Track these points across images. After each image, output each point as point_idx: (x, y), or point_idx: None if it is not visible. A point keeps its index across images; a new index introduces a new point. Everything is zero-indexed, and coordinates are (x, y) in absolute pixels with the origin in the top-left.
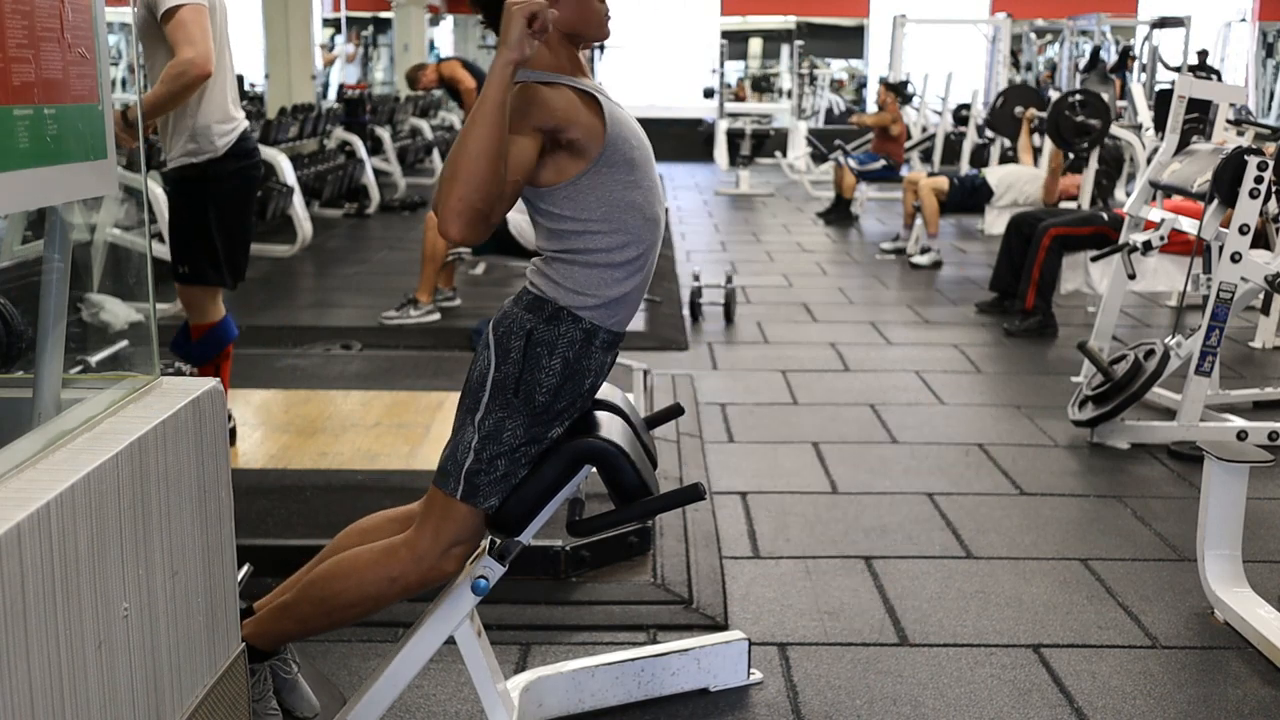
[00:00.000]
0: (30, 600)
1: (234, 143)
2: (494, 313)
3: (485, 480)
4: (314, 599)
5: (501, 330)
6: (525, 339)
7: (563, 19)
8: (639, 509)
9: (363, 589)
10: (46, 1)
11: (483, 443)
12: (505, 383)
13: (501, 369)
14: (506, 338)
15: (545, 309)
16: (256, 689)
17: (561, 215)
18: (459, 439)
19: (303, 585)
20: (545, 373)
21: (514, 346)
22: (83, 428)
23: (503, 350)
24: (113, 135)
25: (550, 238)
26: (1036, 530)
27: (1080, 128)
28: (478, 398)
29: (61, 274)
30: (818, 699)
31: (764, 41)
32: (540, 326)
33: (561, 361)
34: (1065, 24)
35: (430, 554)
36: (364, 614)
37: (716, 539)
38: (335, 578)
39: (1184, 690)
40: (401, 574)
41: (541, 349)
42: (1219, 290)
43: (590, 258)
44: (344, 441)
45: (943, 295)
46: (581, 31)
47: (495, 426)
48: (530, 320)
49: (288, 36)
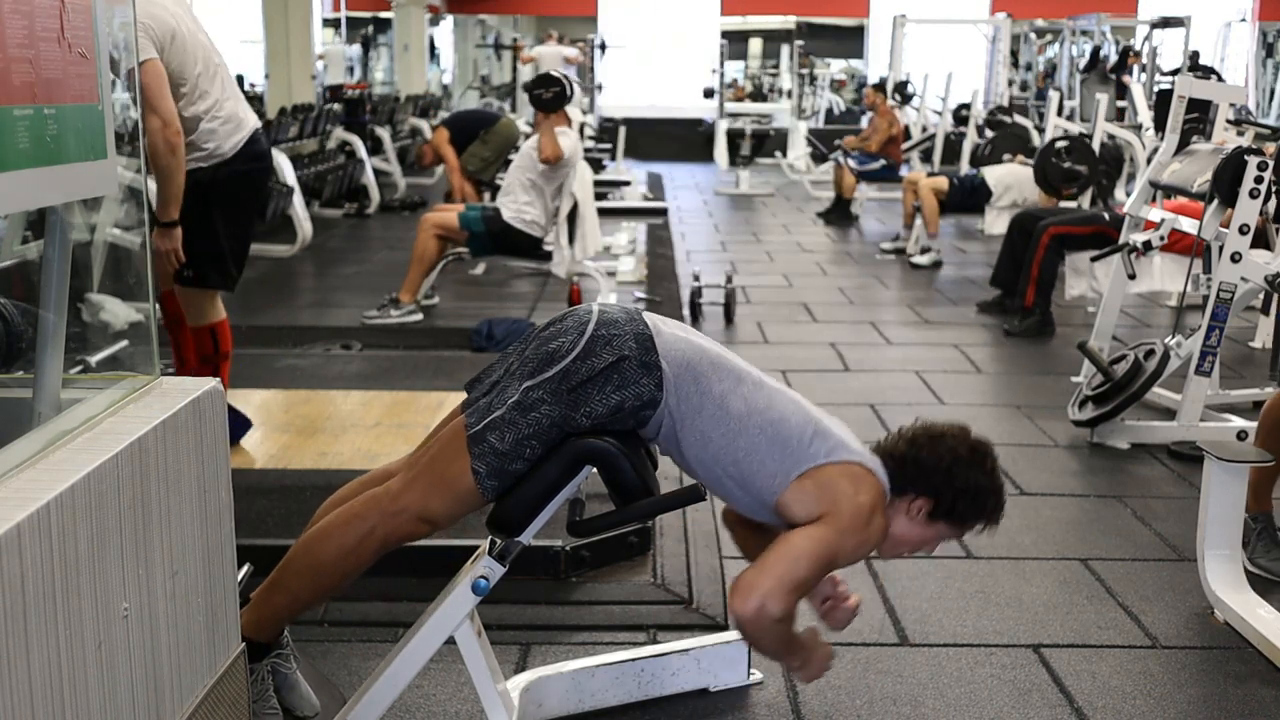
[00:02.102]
0: (30, 600)
1: (243, 144)
2: (495, 313)
3: (493, 440)
4: (299, 567)
5: (603, 334)
6: (616, 360)
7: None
8: (639, 509)
9: (343, 545)
10: (46, 1)
11: (515, 406)
12: (570, 377)
13: (577, 364)
14: (602, 345)
15: (651, 355)
16: (256, 688)
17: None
18: (503, 393)
19: (286, 558)
20: (599, 401)
21: (602, 357)
22: (83, 428)
23: (590, 350)
24: (112, 134)
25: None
26: (1036, 530)
27: (1067, 174)
28: (542, 369)
29: (61, 274)
30: (818, 699)
31: (764, 41)
32: (634, 363)
33: (619, 402)
34: (1065, 24)
35: (409, 509)
36: (347, 573)
37: (716, 539)
38: (317, 540)
39: (1184, 690)
40: (379, 523)
41: (616, 378)
42: (1219, 290)
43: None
44: (344, 441)
45: (943, 295)
46: None
47: (534, 401)
48: (633, 350)
49: (288, 36)
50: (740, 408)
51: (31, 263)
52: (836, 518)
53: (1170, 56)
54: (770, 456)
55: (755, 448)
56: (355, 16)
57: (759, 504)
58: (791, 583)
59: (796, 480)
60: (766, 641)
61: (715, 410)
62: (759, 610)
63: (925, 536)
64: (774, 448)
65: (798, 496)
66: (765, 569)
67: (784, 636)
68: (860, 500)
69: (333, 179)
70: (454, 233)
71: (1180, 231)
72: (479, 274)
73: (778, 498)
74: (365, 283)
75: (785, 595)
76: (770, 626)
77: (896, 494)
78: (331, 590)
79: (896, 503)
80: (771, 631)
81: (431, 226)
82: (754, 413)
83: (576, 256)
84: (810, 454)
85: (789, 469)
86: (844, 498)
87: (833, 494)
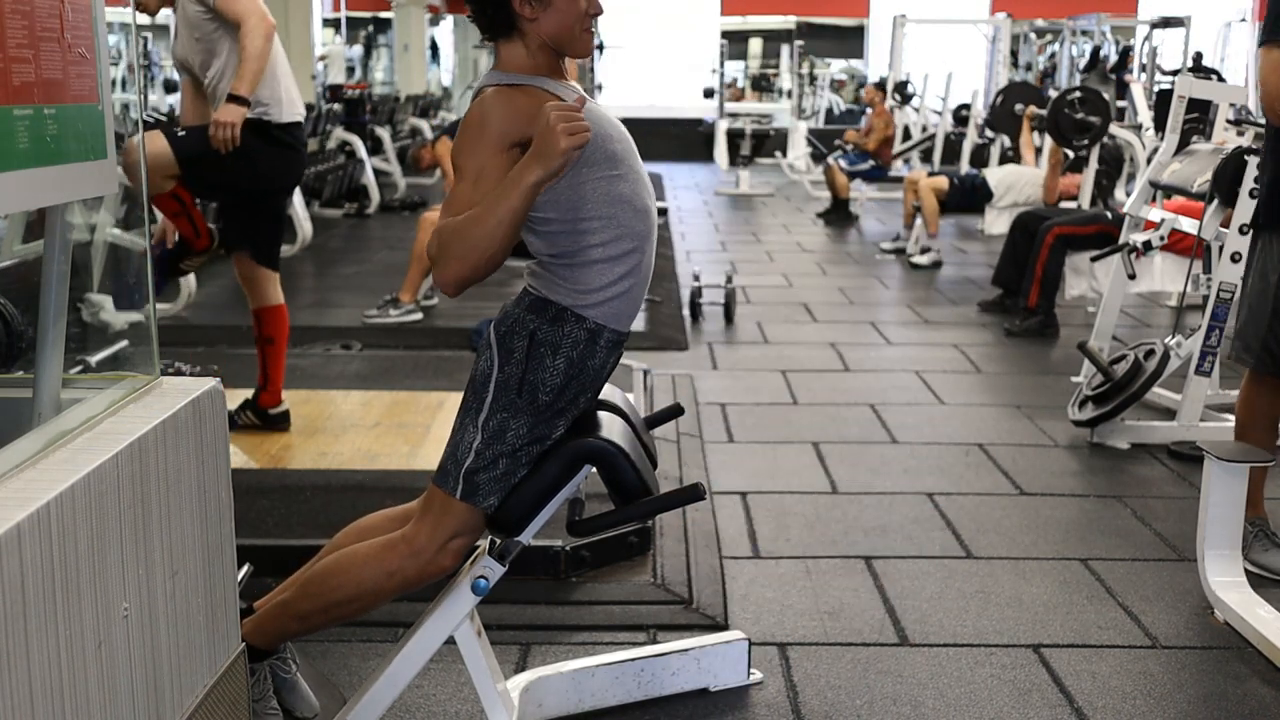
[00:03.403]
0: (30, 600)
1: (291, 121)
2: (494, 313)
3: (485, 479)
4: (312, 595)
5: (504, 331)
6: (529, 339)
7: (546, 30)
8: (639, 509)
9: (360, 584)
10: (46, 1)
11: (486, 443)
12: (509, 383)
13: (505, 369)
14: (509, 338)
15: (548, 310)
16: (256, 689)
17: (548, 219)
18: (459, 439)
19: (301, 582)
20: (549, 372)
21: (517, 347)
22: (83, 428)
23: (506, 351)
24: (112, 134)
25: (543, 242)
26: (1036, 530)
27: (1080, 125)
28: (481, 398)
29: (61, 274)
30: (818, 699)
31: (764, 41)
32: (544, 327)
33: (566, 361)
34: (1065, 24)
35: (427, 549)
36: (362, 610)
37: (716, 539)
38: (333, 574)
39: (1184, 690)
40: (399, 568)
41: (545, 349)
42: (1219, 290)
43: (585, 255)
44: (344, 441)
45: (943, 295)
46: (563, 48)
47: (499, 427)
48: (534, 321)
49: (288, 37)
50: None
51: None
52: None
53: (1170, 56)
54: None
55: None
56: (355, 16)
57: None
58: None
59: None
60: (468, 240)
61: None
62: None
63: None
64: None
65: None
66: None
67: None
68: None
69: (333, 179)
70: None
71: (1180, 231)
72: None
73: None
74: (365, 283)
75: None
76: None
77: (504, 39)
78: (344, 621)
79: (509, 41)
80: (452, 233)
81: (431, 226)
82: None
83: None
84: None
85: None
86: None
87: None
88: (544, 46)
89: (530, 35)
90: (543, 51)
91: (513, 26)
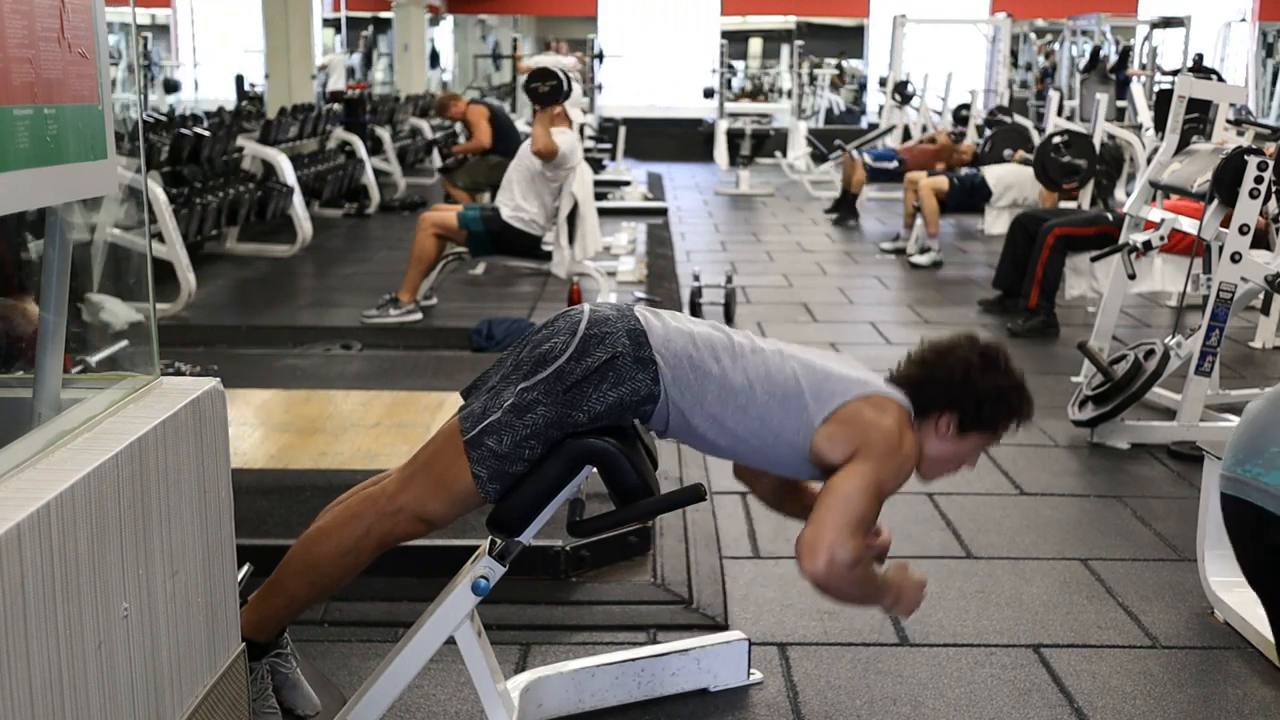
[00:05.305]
0: (30, 600)
1: None
2: (494, 314)
3: (491, 443)
4: (297, 568)
5: (595, 332)
6: (610, 358)
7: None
8: (639, 509)
9: (341, 544)
10: (46, 1)
11: (511, 409)
12: (565, 377)
13: (570, 364)
14: (594, 342)
15: (644, 350)
16: (255, 687)
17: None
18: (498, 396)
19: (285, 559)
20: (598, 398)
21: (595, 355)
22: (83, 428)
23: (583, 349)
24: (112, 134)
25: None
26: (1036, 530)
27: (1067, 168)
28: (536, 371)
29: (61, 274)
30: (818, 699)
31: (764, 41)
32: (628, 359)
33: (617, 399)
34: (1065, 24)
35: (407, 508)
36: (344, 573)
37: (716, 539)
38: (314, 541)
39: (1184, 690)
40: (375, 522)
41: (613, 375)
42: (1219, 290)
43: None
44: (344, 441)
45: (943, 295)
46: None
47: (530, 403)
48: (625, 346)
49: (288, 36)
50: (741, 381)
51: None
52: (869, 447)
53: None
54: (787, 416)
55: (769, 414)
56: (355, 16)
57: (793, 464)
58: (850, 523)
59: (821, 428)
60: (849, 589)
61: (718, 390)
62: (830, 562)
63: (960, 451)
64: (787, 406)
65: (827, 442)
66: (821, 522)
67: (865, 578)
68: (886, 423)
69: (333, 179)
70: (453, 232)
71: (1180, 231)
72: (479, 274)
73: (810, 451)
74: (365, 283)
75: (849, 538)
76: (846, 574)
77: (921, 416)
78: (329, 590)
79: (924, 425)
80: (849, 578)
81: (430, 226)
82: (756, 381)
83: (576, 256)
84: (826, 398)
85: (810, 420)
86: (871, 427)
87: (860, 427)
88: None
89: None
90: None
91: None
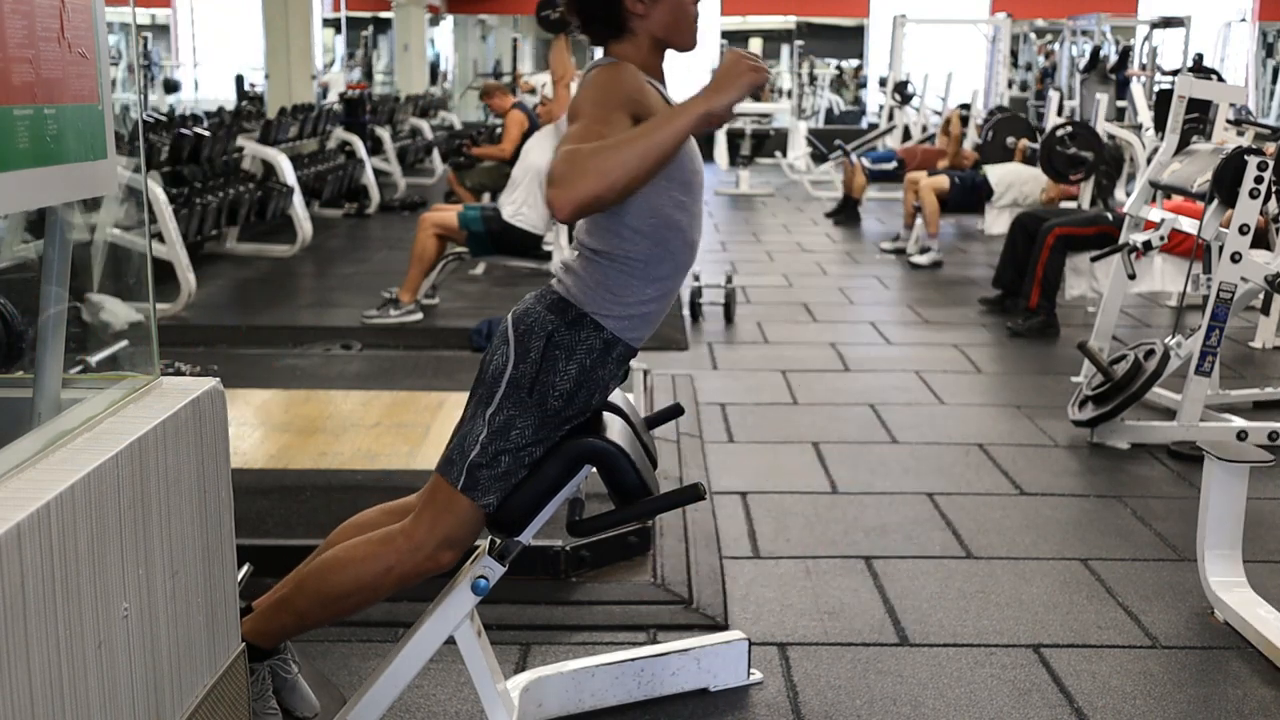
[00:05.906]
0: (30, 600)
1: None
2: (493, 314)
3: (487, 475)
4: (310, 592)
5: (523, 328)
6: (546, 340)
7: (657, 24)
8: (639, 509)
9: (359, 579)
10: (46, 1)
11: (490, 437)
12: (521, 381)
13: (519, 367)
14: (527, 336)
15: (569, 312)
16: (256, 688)
17: (613, 211)
18: (468, 430)
19: (299, 579)
20: (560, 377)
21: (534, 346)
22: (83, 428)
23: (522, 348)
24: (112, 134)
25: (594, 232)
26: (1036, 530)
27: (1072, 160)
28: (492, 391)
29: (61, 274)
30: (818, 699)
31: (764, 41)
32: (562, 329)
33: (578, 368)
34: (1065, 24)
35: (426, 544)
36: (360, 605)
37: (716, 539)
38: (331, 570)
39: (1184, 690)
40: (397, 563)
41: (560, 352)
42: (1219, 290)
43: (625, 264)
44: (344, 441)
45: (943, 295)
46: (673, 40)
47: (505, 423)
48: (553, 322)
49: (288, 36)
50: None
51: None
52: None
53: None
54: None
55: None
56: (355, 16)
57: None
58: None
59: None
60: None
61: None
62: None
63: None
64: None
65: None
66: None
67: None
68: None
69: (333, 179)
70: (453, 232)
71: (1180, 232)
72: (479, 274)
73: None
74: (365, 283)
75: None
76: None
77: (613, 37)
78: (342, 617)
79: (621, 37)
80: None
81: (431, 226)
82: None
83: None
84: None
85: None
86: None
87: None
88: (654, 45)
89: (640, 33)
90: (653, 51)
91: (623, 26)
